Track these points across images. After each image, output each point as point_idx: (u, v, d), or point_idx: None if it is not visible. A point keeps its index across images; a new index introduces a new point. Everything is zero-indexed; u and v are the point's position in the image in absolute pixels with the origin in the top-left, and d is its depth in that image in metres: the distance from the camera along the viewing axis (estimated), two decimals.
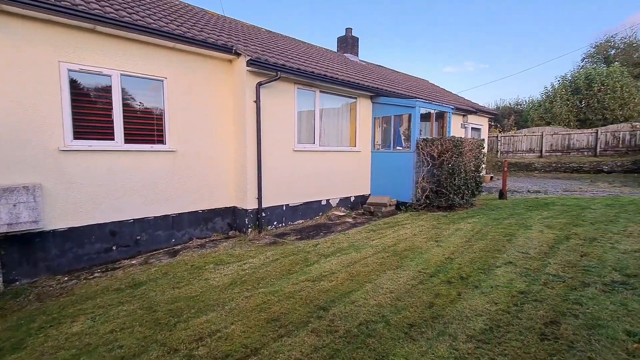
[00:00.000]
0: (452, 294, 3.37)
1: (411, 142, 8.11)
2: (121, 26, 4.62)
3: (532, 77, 53.90)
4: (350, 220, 7.40)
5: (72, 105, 4.55)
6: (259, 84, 5.91)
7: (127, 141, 5.05)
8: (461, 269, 4.04)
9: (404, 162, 8.15)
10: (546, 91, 26.58)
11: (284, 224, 6.76)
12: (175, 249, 5.46)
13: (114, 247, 4.98)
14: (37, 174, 4.30)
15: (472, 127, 13.86)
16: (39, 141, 4.30)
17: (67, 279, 4.34)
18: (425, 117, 9.24)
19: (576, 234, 5.30)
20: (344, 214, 7.86)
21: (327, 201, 7.74)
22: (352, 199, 8.39)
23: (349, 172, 8.22)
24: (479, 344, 2.52)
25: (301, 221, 7.13)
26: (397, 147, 8.63)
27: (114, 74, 4.88)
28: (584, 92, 22.95)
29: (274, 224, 6.57)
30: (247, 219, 6.09)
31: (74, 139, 4.59)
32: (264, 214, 6.28)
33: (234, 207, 6.36)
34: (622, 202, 8.20)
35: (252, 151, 6.05)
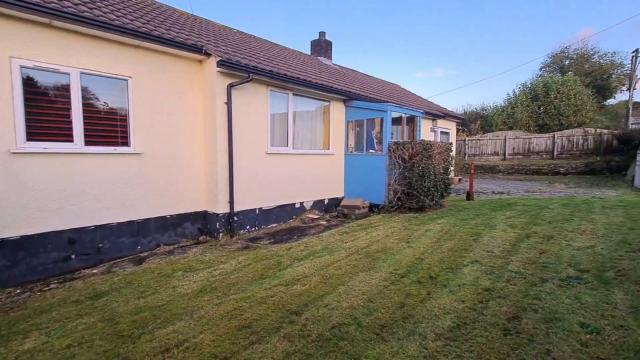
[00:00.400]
0: (422, 294, 3.45)
1: (383, 145, 8.27)
2: (80, 22, 4.37)
3: (496, 84, 57.02)
4: (324, 222, 7.41)
5: (25, 104, 4.24)
6: (230, 86, 5.80)
7: (87, 143, 4.77)
8: (431, 268, 4.15)
9: (377, 164, 8.29)
10: (508, 97, 28.15)
11: (257, 228, 6.65)
12: (141, 256, 5.21)
13: (73, 256, 4.68)
14: None
15: (441, 131, 14.37)
16: None
17: (19, 291, 4.02)
18: (396, 121, 9.47)
19: (536, 233, 5.62)
20: (318, 216, 7.86)
21: (301, 204, 7.72)
22: (326, 201, 8.41)
23: (322, 174, 8.24)
24: (447, 342, 2.60)
25: (275, 225, 7.05)
26: (370, 150, 8.77)
27: (73, 72, 4.60)
28: (542, 99, 24.52)
29: (247, 228, 6.44)
30: (218, 224, 5.93)
31: (28, 140, 4.27)
32: (236, 218, 6.15)
33: (205, 212, 6.18)
34: (576, 202, 8.81)
35: (224, 154, 5.91)
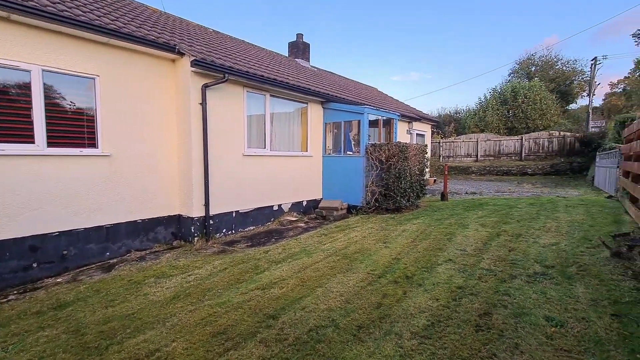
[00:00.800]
0: (399, 293, 3.51)
1: (361, 147, 8.36)
2: (42, 16, 4.13)
3: (469, 88, 59.31)
4: (302, 225, 7.39)
5: None
6: (205, 86, 5.67)
7: (51, 145, 4.51)
8: (407, 268, 4.23)
9: (354, 166, 8.37)
10: (480, 101, 29.31)
11: (233, 231, 6.52)
12: (110, 263, 4.97)
13: (35, 265, 4.39)
14: None
15: (417, 133, 14.73)
16: None
17: None
18: (373, 123, 9.61)
19: (505, 231, 5.86)
20: (297, 218, 7.82)
21: (279, 206, 7.65)
22: (305, 203, 8.39)
23: (301, 176, 8.22)
24: (422, 340, 2.64)
25: (252, 227, 6.95)
26: (348, 152, 8.84)
27: (35, 70, 4.34)
28: (510, 103, 25.70)
29: (223, 231, 6.31)
30: (193, 228, 5.77)
31: None
32: (211, 222, 6.00)
33: (179, 215, 5.99)
34: (542, 201, 9.27)
35: (199, 156, 5.76)
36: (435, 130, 24.04)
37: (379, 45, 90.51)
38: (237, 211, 6.60)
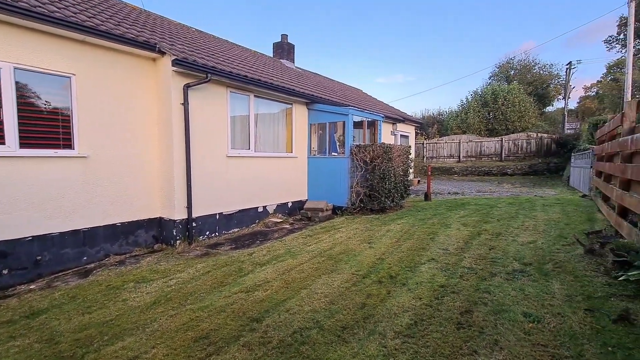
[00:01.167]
0: (383, 293, 3.53)
1: (345, 148, 8.40)
2: (14, 12, 3.95)
3: (451, 90, 60.65)
4: (287, 226, 7.35)
5: None
6: (187, 86, 5.57)
7: (23, 146, 4.32)
8: (391, 268, 4.27)
9: (339, 167, 8.40)
10: (462, 103, 30.02)
11: (217, 234, 6.42)
12: (87, 268, 4.80)
13: (5, 271, 4.19)
14: None
15: (401, 135, 14.93)
16: None
17: None
18: (358, 125, 9.67)
19: (486, 230, 6.01)
20: (282, 220, 7.78)
21: (264, 208, 7.59)
22: (290, 204, 8.36)
23: (286, 178, 8.18)
24: (405, 339, 2.67)
25: (237, 230, 6.86)
26: (333, 153, 8.87)
27: (5, 67, 4.15)
28: (491, 105, 26.42)
29: (207, 234, 6.20)
30: (175, 230, 5.65)
31: None
32: (194, 224, 5.89)
33: (160, 218, 5.85)
34: (520, 200, 9.56)
35: (180, 157, 5.65)
36: (419, 131, 24.44)
37: (364, 47, 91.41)
38: (221, 213, 6.51)
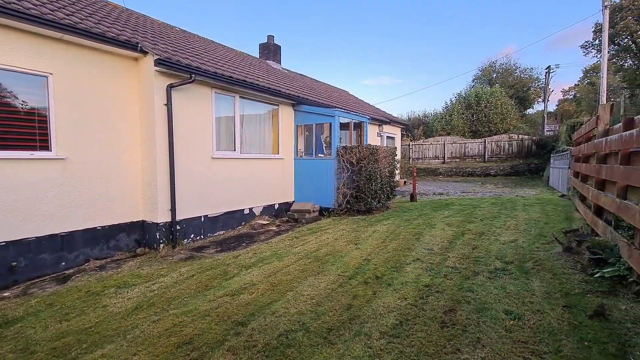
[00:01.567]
0: (369, 294, 3.55)
1: (332, 149, 8.42)
2: None
3: (436, 92, 61.77)
4: (274, 228, 7.31)
5: None
6: (170, 86, 5.47)
7: None
8: (377, 269, 4.30)
9: (326, 168, 8.41)
10: (447, 105, 30.58)
11: (202, 237, 6.32)
12: (66, 274, 4.64)
13: None
14: None
15: (387, 136, 15.08)
16: None
17: None
18: (344, 126, 9.72)
19: (469, 230, 6.13)
20: (268, 222, 7.73)
21: (250, 210, 7.53)
22: (277, 206, 8.31)
23: (272, 179, 8.13)
24: (391, 339, 2.69)
25: (222, 232, 6.77)
26: (319, 155, 8.88)
27: None
28: (474, 108, 27.02)
29: (191, 237, 6.10)
30: (158, 234, 5.53)
31: None
32: (178, 227, 5.78)
33: (143, 221, 5.72)
34: (502, 200, 9.81)
35: (164, 159, 5.54)
36: (405, 133, 24.74)
37: (350, 48, 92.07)
38: (206, 216, 6.41)
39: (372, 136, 12.98)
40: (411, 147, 24.59)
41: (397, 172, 10.85)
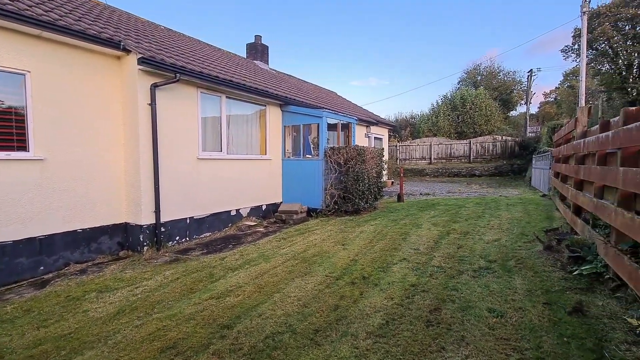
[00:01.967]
0: (356, 294, 3.56)
1: (320, 150, 8.42)
2: None
3: (423, 94, 62.69)
4: (261, 229, 7.25)
5: None
6: (155, 86, 5.37)
7: None
8: (364, 269, 4.32)
9: (314, 169, 8.41)
10: (433, 107, 31.04)
11: (188, 239, 6.22)
12: (44, 278, 4.49)
13: None
14: None
15: (374, 137, 15.19)
16: None
17: None
18: (332, 127, 9.74)
19: (455, 230, 6.23)
20: (256, 223, 7.67)
21: (237, 211, 7.45)
22: (264, 207, 8.26)
23: (259, 180, 8.08)
24: (377, 339, 2.70)
25: (208, 234, 6.68)
26: (307, 155, 8.87)
27: None
28: (459, 109, 27.51)
29: (176, 239, 5.99)
30: (142, 236, 5.41)
31: None
32: (163, 229, 5.67)
33: (126, 224, 5.58)
34: (487, 200, 10.01)
35: (148, 159, 5.42)
36: (392, 134, 25.00)
37: (339, 49, 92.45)
38: (192, 217, 6.31)
39: (360, 137, 13.06)
40: (398, 147, 24.84)
41: (384, 172, 10.95)
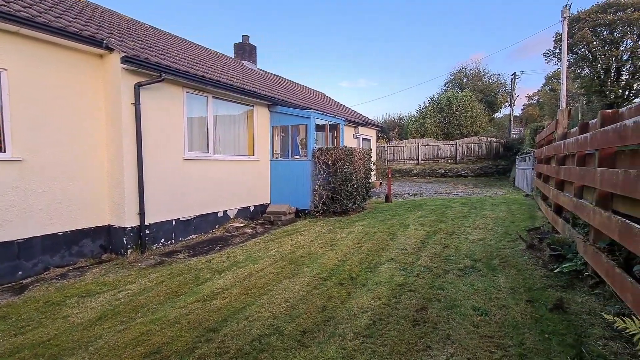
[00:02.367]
0: (343, 295, 3.57)
1: (308, 151, 8.42)
2: None
3: (410, 96, 63.49)
4: (249, 231, 7.19)
5: None
6: (139, 85, 5.26)
7: None
8: (352, 269, 4.33)
9: (302, 170, 8.39)
10: (420, 108, 31.44)
11: (173, 241, 6.11)
12: (23, 283, 4.34)
13: None
14: None
15: (363, 138, 15.27)
16: None
17: None
18: (321, 128, 9.75)
19: (441, 229, 6.32)
20: (243, 224, 7.60)
21: (225, 212, 7.37)
22: (252, 208, 8.19)
23: (247, 181, 8.01)
24: (364, 340, 2.71)
25: (195, 236, 6.58)
26: (295, 156, 8.85)
27: None
28: (446, 111, 27.96)
29: (162, 241, 5.88)
30: (126, 239, 5.29)
31: None
32: (147, 232, 5.56)
33: (109, 226, 5.45)
34: (472, 200, 10.19)
35: (132, 160, 5.31)
36: (380, 135, 25.19)
37: (328, 50, 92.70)
38: (178, 219, 6.21)
39: (348, 138, 13.11)
40: (386, 148, 25.06)
41: (372, 173, 11.02)
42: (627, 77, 23.81)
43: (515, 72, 28.50)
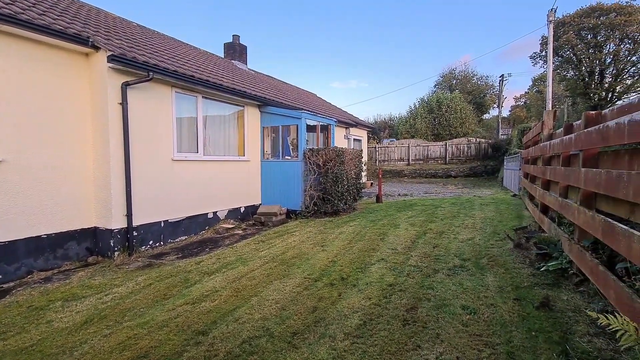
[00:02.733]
0: (334, 296, 3.56)
1: (299, 151, 8.40)
2: None
3: (401, 97, 64.03)
4: (240, 232, 7.14)
5: None
6: (126, 84, 5.17)
7: None
8: (342, 270, 4.33)
9: (293, 171, 8.37)
10: (410, 109, 31.73)
11: (162, 243, 6.02)
12: (4, 287, 4.21)
13: None
14: None
15: (354, 139, 15.33)
16: None
17: None
18: (311, 128, 9.75)
19: (431, 229, 6.38)
20: (234, 226, 7.54)
21: (215, 213, 7.29)
22: (243, 209, 8.13)
23: (238, 182, 7.95)
24: (355, 340, 2.71)
25: (184, 237, 6.50)
26: (286, 157, 8.82)
27: None
28: (436, 112, 28.29)
29: (150, 243, 5.78)
30: (113, 241, 5.19)
31: None
32: (135, 233, 5.46)
33: (95, 228, 5.34)
34: (461, 200, 10.32)
35: (119, 161, 5.21)
36: (371, 135, 25.32)
37: (320, 51, 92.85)
38: (167, 220, 6.12)
39: (339, 139, 13.14)
40: (377, 149, 25.20)
41: (363, 174, 11.07)
42: (610, 79, 24.46)
43: (503, 74, 29.03)
